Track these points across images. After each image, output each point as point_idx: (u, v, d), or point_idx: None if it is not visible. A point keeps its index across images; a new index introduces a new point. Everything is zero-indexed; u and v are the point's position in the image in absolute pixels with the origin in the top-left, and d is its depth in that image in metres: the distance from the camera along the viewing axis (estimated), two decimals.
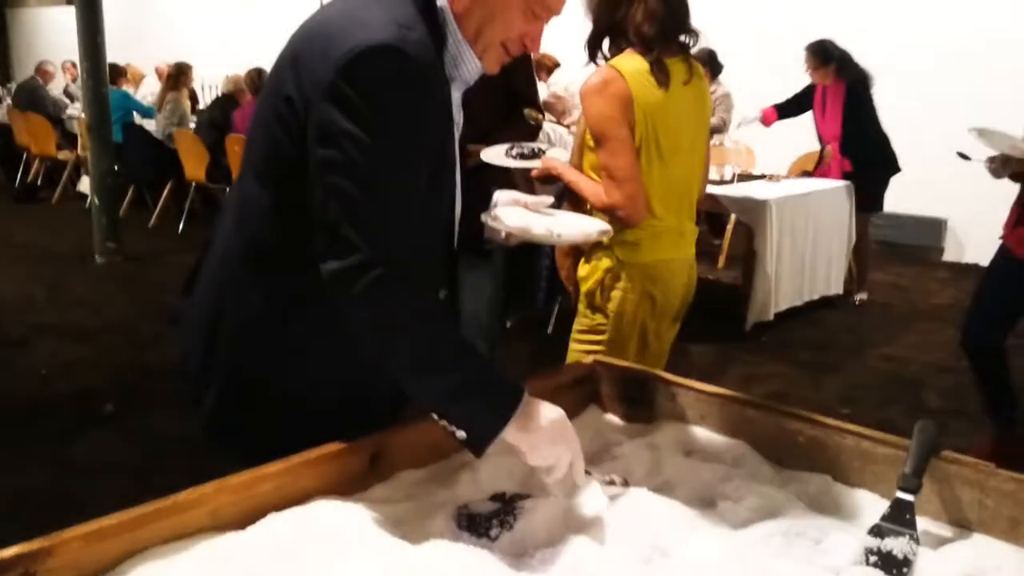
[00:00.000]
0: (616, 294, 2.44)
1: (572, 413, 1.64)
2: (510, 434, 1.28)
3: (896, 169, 5.57)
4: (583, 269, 2.50)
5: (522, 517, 1.27)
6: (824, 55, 5.47)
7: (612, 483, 1.36)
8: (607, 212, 2.35)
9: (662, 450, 1.50)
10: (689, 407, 1.59)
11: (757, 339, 5.06)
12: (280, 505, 1.23)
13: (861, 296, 5.81)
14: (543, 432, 1.28)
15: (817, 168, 5.74)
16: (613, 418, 1.68)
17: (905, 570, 1.18)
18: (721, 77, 6.66)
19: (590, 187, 2.42)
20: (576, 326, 2.57)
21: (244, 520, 1.20)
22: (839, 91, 5.50)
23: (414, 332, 1.29)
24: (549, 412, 1.30)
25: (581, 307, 2.54)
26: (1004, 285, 3.34)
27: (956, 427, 3.58)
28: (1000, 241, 3.36)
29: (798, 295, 5.45)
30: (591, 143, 2.40)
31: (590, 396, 1.71)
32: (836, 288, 5.74)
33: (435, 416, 1.30)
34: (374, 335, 1.30)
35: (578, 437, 1.33)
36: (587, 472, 1.34)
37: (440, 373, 1.29)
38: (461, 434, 1.29)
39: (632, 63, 2.34)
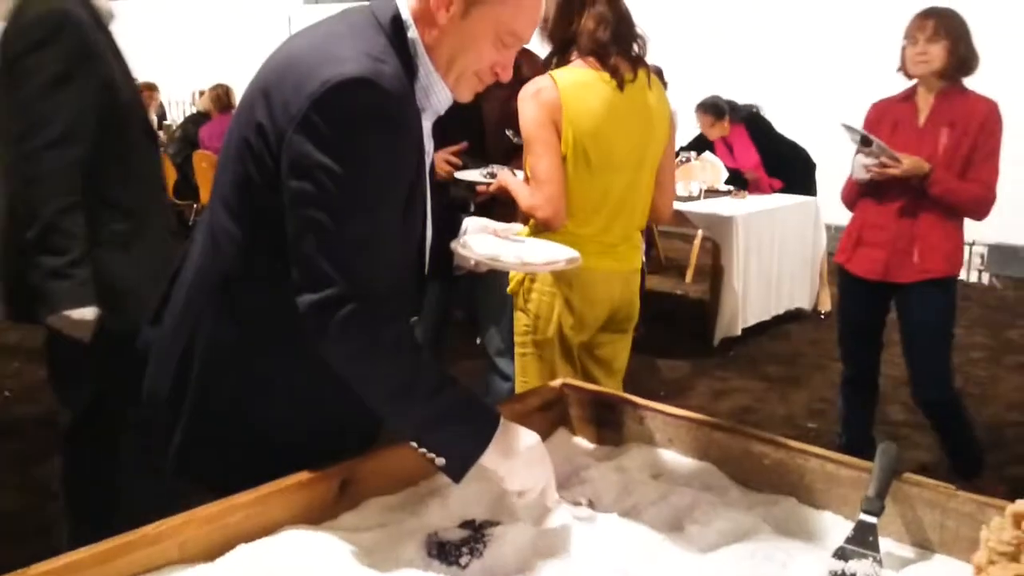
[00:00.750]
0: (534, 296, 2.47)
1: (541, 436, 1.66)
2: (488, 459, 1.29)
3: (813, 165, 5.76)
4: (511, 272, 2.55)
5: (492, 544, 1.27)
6: (716, 110, 5.79)
7: (579, 504, 1.38)
8: (529, 214, 2.40)
9: (631, 473, 1.51)
10: (657, 430, 1.61)
11: (725, 354, 5.11)
12: (249, 536, 1.23)
13: (826, 308, 5.89)
14: (521, 457, 1.31)
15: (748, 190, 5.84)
16: (582, 441, 1.69)
17: None
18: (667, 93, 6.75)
19: (522, 191, 2.47)
20: (514, 331, 2.60)
21: (213, 552, 1.20)
22: (741, 132, 5.80)
23: (391, 363, 1.30)
24: (526, 437, 1.33)
25: (515, 311, 2.58)
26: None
27: (920, 440, 3.63)
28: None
29: (766, 310, 5.51)
30: None
31: (559, 419, 1.72)
32: (802, 302, 5.82)
33: (413, 444, 1.31)
34: (351, 367, 1.31)
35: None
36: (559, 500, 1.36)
37: (418, 402, 1.31)
38: (440, 461, 1.30)
39: (572, 74, 2.37)
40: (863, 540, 1.28)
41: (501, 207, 2.77)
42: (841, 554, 1.27)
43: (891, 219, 3.14)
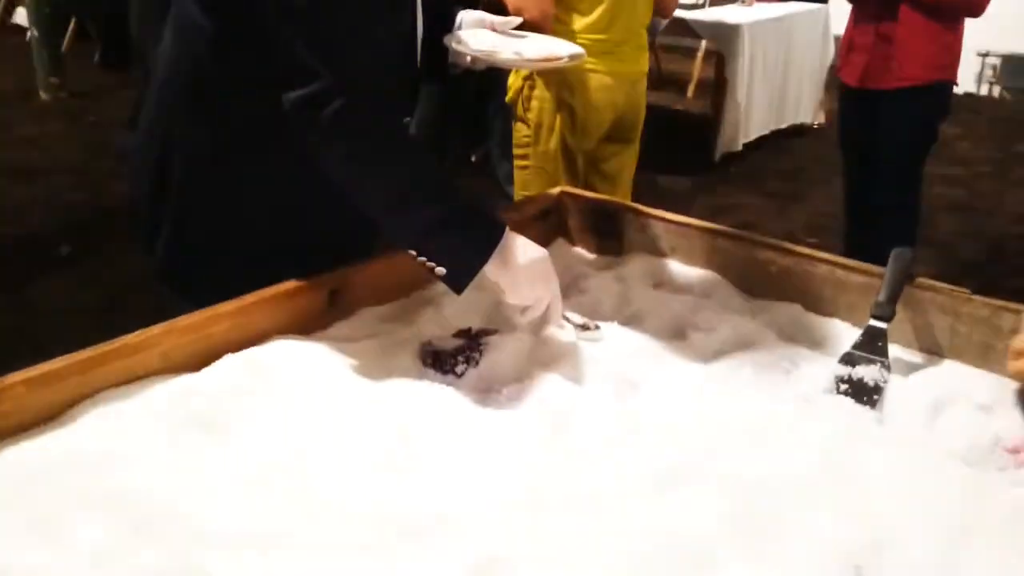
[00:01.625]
0: (535, 104, 2.37)
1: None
2: (491, 270, 1.21)
3: None
4: (509, 80, 2.42)
5: (488, 353, 1.23)
6: None
7: (586, 328, 1.31)
8: (517, 13, 2.25)
9: (631, 282, 1.46)
10: (659, 239, 1.54)
11: (726, 169, 5.01)
12: (235, 346, 1.18)
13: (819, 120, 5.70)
14: (525, 270, 1.22)
15: None
16: (581, 251, 1.63)
17: (875, 397, 1.17)
18: None
19: None
20: (513, 142, 2.51)
21: (198, 362, 1.15)
22: None
23: (387, 161, 1.20)
24: (532, 250, 1.23)
25: (514, 121, 2.48)
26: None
27: (923, 255, 3.60)
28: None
29: (769, 124, 5.36)
30: None
31: (557, 229, 1.65)
32: (807, 116, 5.65)
33: (412, 252, 1.23)
34: (345, 169, 1.21)
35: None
36: (564, 317, 1.30)
37: (419, 207, 1.21)
38: (440, 270, 1.22)
39: None
40: (871, 345, 1.24)
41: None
42: (848, 359, 1.23)
43: (871, 20, 2.96)
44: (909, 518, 0.90)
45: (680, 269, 1.50)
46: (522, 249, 1.23)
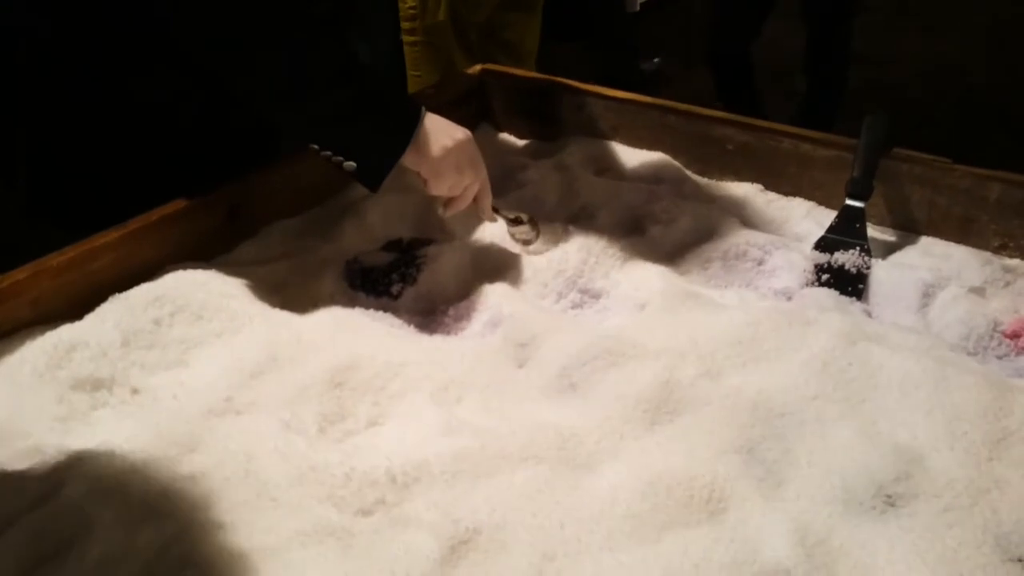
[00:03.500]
0: None
1: None
2: (410, 159, 1.03)
3: None
4: None
5: (425, 268, 1.06)
6: None
7: (519, 222, 1.14)
8: None
9: (574, 171, 1.29)
10: (599, 118, 1.38)
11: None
12: (123, 283, 0.98)
13: None
14: (449, 156, 1.04)
15: None
16: (510, 137, 1.46)
17: (860, 286, 1.06)
18: None
19: None
20: (399, 15, 2.25)
21: (78, 308, 0.95)
22: None
23: (276, 37, 0.97)
24: (455, 132, 1.06)
25: None
26: None
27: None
28: None
29: None
30: None
31: (480, 113, 1.47)
32: None
33: (316, 147, 1.03)
34: (220, 55, 0.98)
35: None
36: (494, 208, 1.14)
37: (321, 89, 1.00)
38: (350, 165, 1.03)
39: None
40: (848, 227, 1.13)
41: None
42: (824, 245, 1.12)
43: None
44: (933, 432, 0.80)
45: (626, 152, 1.35)
46: (443, 131, 1.05)
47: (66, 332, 0.91)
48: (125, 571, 0.68)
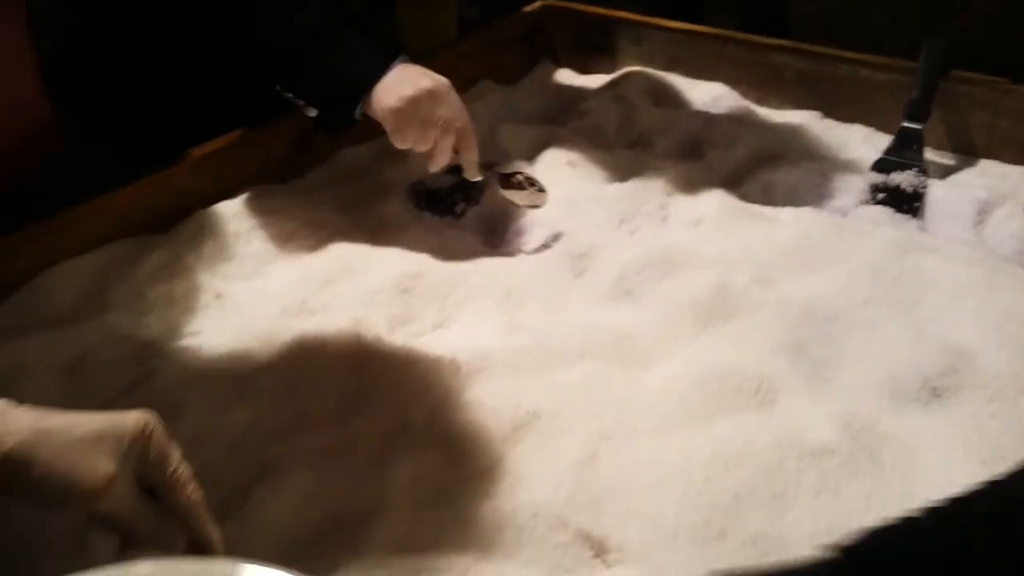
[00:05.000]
0: None
1: (521, 71, 1.45)
2: (372, 108, 0.99)
3: None
4: None
5: (487, 188, 1.10)
6: None
7: (519, 184, 1.06)
8: None
9: (631, 101, 1.32)
10: (657, 51, 1.40)
11: None
12: (205, 201, 1.04)
13: None
14: (408, 106, 0.96)
15: None
16: (570, 73, 1.48)
17: (916, 204, 1.07)
18: None
19: None
20: None
21: (164, 223, 1.01)
22: None
23: None
24: (420, 80, 0.97)
25: None
26: None
27: None
28: None
29: None
30: None
31: (541, 49, 1.50)
32: None
33: (279, 88, 1.03)
34: None
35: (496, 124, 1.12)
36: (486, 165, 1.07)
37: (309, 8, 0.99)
38: (311, 112, 1.04)
39: None
40: (906, 149, 1.13)
41: None
42: (881, 166, 1.13)
43: None
44: (982, 332, 0.82)
45: (684, 83, 1.37)
46: (407, 80, 0.98)
47: (153, 243, 0.98)
48: (214, 445, 0.74)
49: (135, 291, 0.92)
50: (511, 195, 1.06)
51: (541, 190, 1.06)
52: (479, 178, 1.04)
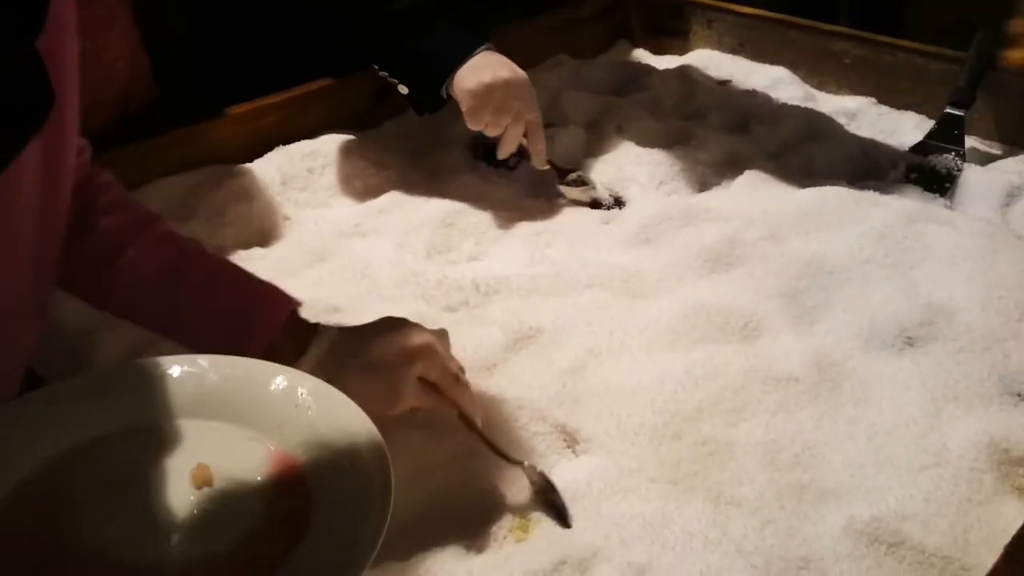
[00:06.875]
0: None
1: (598, 49, 1.53)
2: (454, 90, 1.07)
3: None
4: None
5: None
6: None
7: (578, 181, 1.13)
8: None
9: (693, 79, 1.39)
10: (726, 34, 1.46)
11: None
12: (286, 138, 1.17)
13: None
14: (485, 92, 1.04)
15: None
16: (644, 52, 1.56)
17: (947, 185, 1.11)
18: None
19: None
20: None
21: (250, 153, 1.15)
22: None
23: None
24: (500, 70, 1.05)
25: None
26: None
27: None
28: None
29: None
30: None
31: (618, 30, 1.58)
32: None
33: (375, 67, 1.14)
34: None
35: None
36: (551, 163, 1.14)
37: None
38: (403, 89, 1.13)
39: None
40: (947, 134, 1.17)
41: None
42: (921, 148, 1.17)
43: None
44: (968, 293, 0.86)
45: (747, 66, 1.43)
46: (487, 67, 1.05)
47: (237, 170, 1.12)
48: None
49: (216, 208, 1.06)
50: (566, 190, 1.13)
51: (594, 189, 1.13)
52: (545, 167, 1.12)
